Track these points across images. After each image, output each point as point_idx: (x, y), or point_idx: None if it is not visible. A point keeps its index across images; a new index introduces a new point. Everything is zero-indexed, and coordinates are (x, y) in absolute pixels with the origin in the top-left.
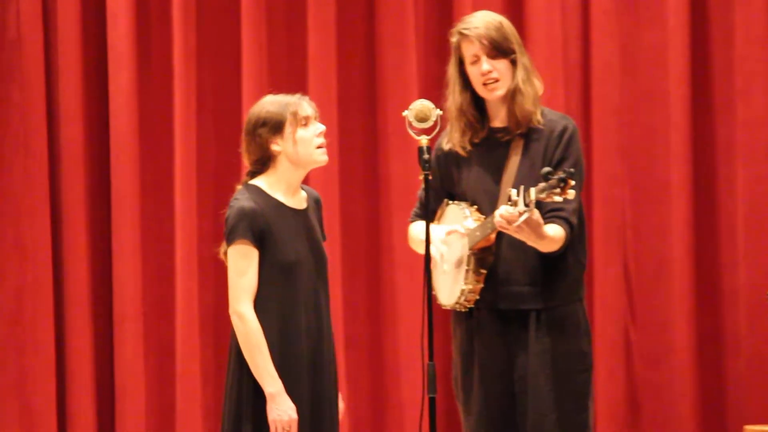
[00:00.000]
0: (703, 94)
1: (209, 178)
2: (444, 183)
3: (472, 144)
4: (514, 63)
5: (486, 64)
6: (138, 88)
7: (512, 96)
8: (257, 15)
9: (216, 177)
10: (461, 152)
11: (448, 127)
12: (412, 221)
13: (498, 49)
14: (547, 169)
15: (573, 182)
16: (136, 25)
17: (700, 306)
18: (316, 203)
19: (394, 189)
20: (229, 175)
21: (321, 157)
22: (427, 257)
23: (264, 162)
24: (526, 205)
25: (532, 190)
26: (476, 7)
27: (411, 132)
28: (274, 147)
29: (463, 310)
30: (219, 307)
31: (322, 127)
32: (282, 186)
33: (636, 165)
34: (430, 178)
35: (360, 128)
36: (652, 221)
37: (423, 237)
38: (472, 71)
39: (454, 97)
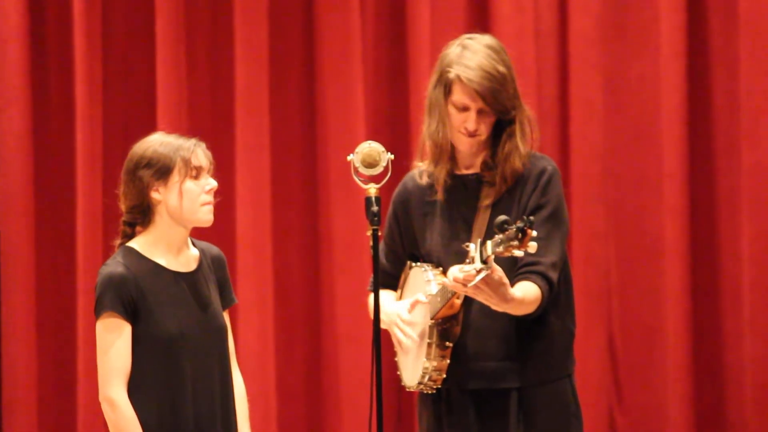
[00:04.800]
0: (701, 135)
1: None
2: (405, 241)
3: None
4: (508, 119)
5: (472, 123)
6: (33, 128)
7: (506, 157)
8: (175, 40)
9: None
10: (440, 191)
11: (418, 159)
12: (372, 290)
13: (495, 108)
14: (502, 218)
15: (533, 232)
16: (30, 53)
17: (698, 385)
18: (213, 262)
19: (337, 248)
20: None
21: (205, 216)
22: (376, 328)
23: (142, 211)
24: (484, 261)
25: (489, 244)
26: (434, 32)
27: (357, 179)
28: (155, 195)
29: (429, 391)
30: None
31: (213, 183)
32: (161, 246)
33: (622, 219)
34: (380, 233)
35: (297, 175)
36: (641, 285)
37: (383, 309)
38: (455, 115)
39: (439, 128)
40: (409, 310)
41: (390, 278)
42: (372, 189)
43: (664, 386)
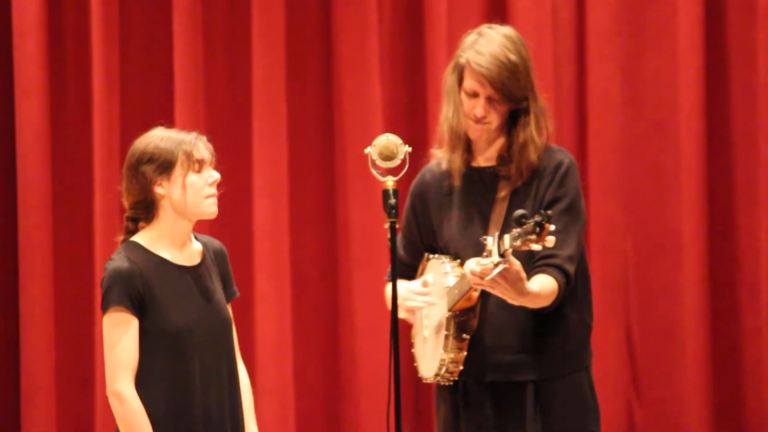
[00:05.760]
0: (719, 128)
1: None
2: (423, 233)
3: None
4: (523, 110)
5: (480, 109)
6: (51, 120)
7: (521, 149)
8: (192, 32)
9: None
10: (457, 179)
11: (437, 145)
12: (389, 280)
13: (504, 96)
14: (520, 212)
15: (551, 227)
16: (48, 45)
17: (716, 378)
18: (216, 256)
19: (354, 240)
20: None
21: (210, 209)
22: (394, 320)
23: (146, 206)
24: (502, 255)
25: (506, 238)
26: (451, 23)
27: (375, 172)
28: (158, 190)
29: (445, 383)
30: None
31: (216, 175)
32: (166, 240)
33: (640, 212)
34: (398, 226)
35: (314, 167)
36: (659, 278)
37: (399, 297)
38: (465, 101)
39: (454, 114)
40: (423, 284)
41: (408, 270)
42: (389, 181)
43: (682, 379)
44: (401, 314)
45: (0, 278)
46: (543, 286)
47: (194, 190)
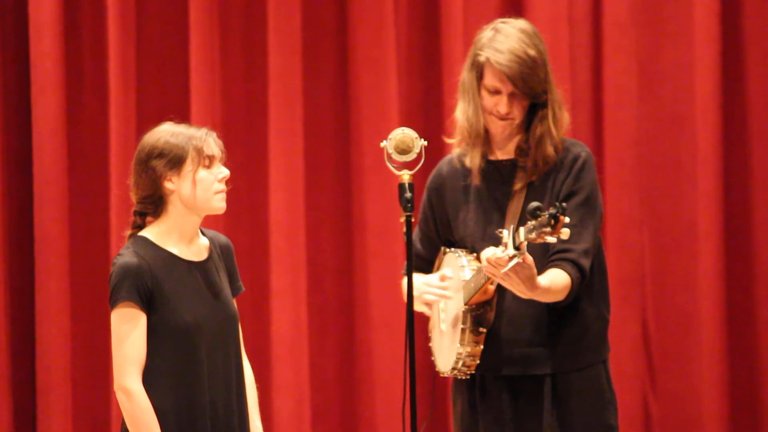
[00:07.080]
0: (735, 121)
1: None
2: (439, 227)
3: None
4: (541, 103)
5: (504, 106)
6: (67, 115)
7: (538, 142)
8: (209, 28)
9: None
10: (476, 175)
11: (457, 142)
12: (405, 274)
13: (526, 92)
14: (534, 204)
15: (566, 219)
16: (64, 39)
17: (732, 371)
18: (222, 251)
19: (370, 234)
20: None
21: (219, 204)
22: (410, 314)
23: (154, 201)
24: (517, 247)
25: (522, 230)
26: (467, 18)
27: (390, 166)
28: (168, 185)
29: (462, 377)
30: None
31: (226, 172)
32: (174, 235)
33: (656, 205)
34: (413, 220)
35: (331, 162)
36: (675, 271)
37: (415, 290)
38: (487, 98)
39: (475, 111)
40: (440, 279)
41: (424, 263)
42: (405, 175)
43: (698, 372)
44: (418, 307)
45: (16, 273)
46: (554, 281)
47: (204, 186)
